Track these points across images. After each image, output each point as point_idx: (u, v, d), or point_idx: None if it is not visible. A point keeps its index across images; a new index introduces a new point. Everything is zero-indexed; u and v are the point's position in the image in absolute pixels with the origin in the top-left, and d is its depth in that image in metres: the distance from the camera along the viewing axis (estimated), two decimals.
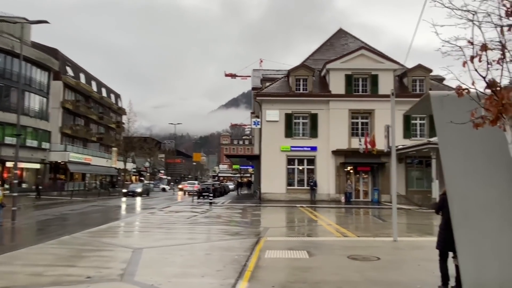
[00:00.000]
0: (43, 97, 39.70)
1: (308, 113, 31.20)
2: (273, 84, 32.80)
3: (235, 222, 17.08)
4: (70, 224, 15.71)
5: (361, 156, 29.57)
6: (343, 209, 24.35)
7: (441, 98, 5.36)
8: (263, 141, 31.09)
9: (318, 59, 35.14)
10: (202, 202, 29.19)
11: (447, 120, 5.25)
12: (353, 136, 30.77)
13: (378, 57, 31.35)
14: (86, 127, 49.89)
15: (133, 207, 25.95)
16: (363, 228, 15.93)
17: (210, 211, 21.88)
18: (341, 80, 31.11)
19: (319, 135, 30.87)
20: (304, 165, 31.16)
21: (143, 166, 71.03)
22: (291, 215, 20.64)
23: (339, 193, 30.04)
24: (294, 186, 30.91)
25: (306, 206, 25.02)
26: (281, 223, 17.16)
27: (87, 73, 51.14)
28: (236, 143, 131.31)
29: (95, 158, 48.48)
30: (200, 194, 35.47)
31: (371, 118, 30.95)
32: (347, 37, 37.53)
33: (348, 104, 30.88)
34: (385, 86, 30.87)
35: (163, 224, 15.06)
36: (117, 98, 62.47)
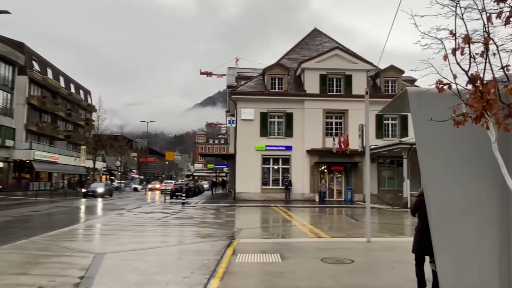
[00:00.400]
0: (7, 92, 37.83)
1: (283, 112, 31.00)
2: (249, 82, 32.43)
3: (208, 223, 16.59)
4: (29, 226, 14.79)
5: (335, 156, 29.65)
6: (317, 209, 24.23)
7: (419, 95, 5.08)
8: (238, 140, 30.68)
9: (293, 58, 35.03)
10: (174, 202, 28.49)
11: (426, 117, 4.98)
12: (327, 135, 30.80)
13: (352, 57, 31.48)
14: (53, 124, 48.02)
15: (100, 208, 25.01)
16: (336, 228, 15.76)
17: (182, 211, 21.29)
18: (316, 80, 31.07)
19: (294, 134, 30.73)
20: (279, 164, 30.95)
21: (114, 165, 69.18)
22: (266, 215, 20.31)
23: (313, 193, 29.98)
24: (269, 186, 30.65)
25: (281, 206, 24.78)
26: (255, 223, 16.79)
27: (55, 68, 49.23)
28: (212, 142, 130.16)
29: (63, 156, 46.72)
30: (173, 194, 34.74)
31: (345, 118, 31.05)
32: (321, 37, 37.59)
33: (322, 103, 30.86)
34: (359, 87, 31.05)
35: (130, 226, 14.41)
36: (86, 94, 60.55)
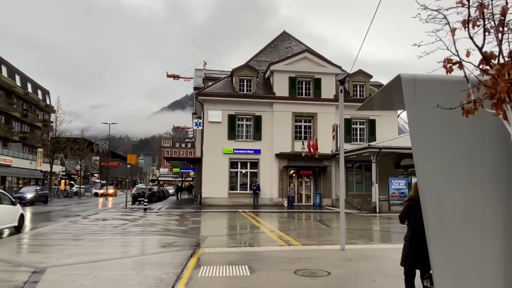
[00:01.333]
0: None
1: (252, 115, 30.23)
2: (216, 83, 31.45)
3: (170, 231, 15.44)
4: None
5: (303, 160, 29.17)
6: (285, 214, 23.52)
7: (414, 81, 4.35)
8: (205, 143, 29.58)
9: (262, 60, 34.44)
10: (136, 208, 26.97)
11: (421, 108, 4.26)
12: (296, 139, 30.29)
13: (321, 61, 31.20)
14: (7, 125, 44.98)
15: (52, 214, 23.20)
16: (307, 234, 15.04)
17: (143, 218, 19.97)
18: (285, 83, 30.54)
19: (263, 137, 30.01)
20: (247, 168, 30.10)
21: (74, 169, 66.00)
22: (233, 221, 19.37)
23: (282, 197, 29.32)
24: (237, 190, 29.73)
25: (249, 211, 23.90)
26: (222, 230, 15.81)
27: (10, 66, 46.20)
28: (178, 146, 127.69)
29: (17, 159, 43.77)
30: (135, 199, 33.17)
31: (314, 122, 30.66)
32: (290, 40, 37.25)
33: (291, 107, 30.35)
34: (328, 90, 30.85)
35: (83, 235, 13.07)
36: (45, 94, 57.43)
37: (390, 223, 19.08)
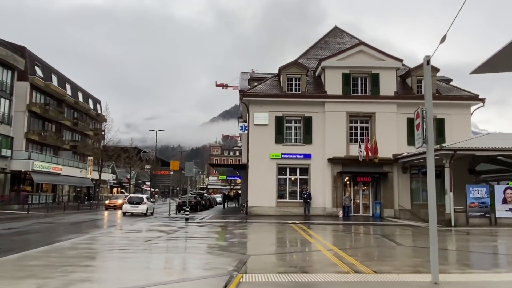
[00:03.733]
0: (4, 98, 35.44)
1: (301, 116, 27.53)
2: (262, 83, 29.12)
3: (207, 247, 13.10)
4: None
5: (360, 165, 25.98)
6: (341, 226, 20.51)
7: None
8: (251, 148, 27.27)
9: (312, 58, 31.75)
10: (178, 217, 25.10)
11: None
12: (351, 142, 27.17)
13: (379, 54, 27.91)
14: (57, 134, 45.50)
15: (89, 223, 21.86)
16: (374, 255, 12.04)
17: (182, 230, 17.89)
18: (338, 80, 27.57)
19: (314, 141, 27.18)
20: (297, 175, 27.35)
21: (125, 177, 66.52)
22: (281, 235, 16.74)
23: (336, 207, 26.25)
24: (285, 199, 27.06)
25: (299, 223, 21.15)
26: (268, 247, 13.22)
27: (60, 75, 46.96)
28: (227, 154, 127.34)
29: (67, 167, 44.00)
30: (180, 208, 31.57)
31: (371, 122, 27.39)
32: (343, 35, 34.23)
33: (345, 106, 27.31)
34: (387, 87, 27.53)
35: (105, 251, 11.08)
36: (96, 103, 58.25)
37: (476, 240, 15.54)
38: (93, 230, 17.49)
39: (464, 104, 27.80)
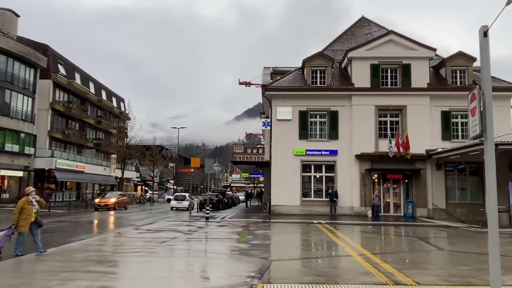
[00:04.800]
0: (27, 96, 35.53)
1: (327, 111, 26.14)
2: (285, 77, 27.87)
3: (226, 249, 12.04)
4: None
5: (391, 162, 24.43)
6: (371, 227, 19.10)
7: None
8: (274, 144, 26.11)
9: (338, 49, 30.28)
10: (199, 216, 24.23)
11: None
12: (380, 137, 25.59)
13: (410, 43, 26.17)
14: (81, 132, 45.58)
15: (106, 223, 21.23)
16: (413, 261, 10.68)
17: (201, 230, 16.94)
18: (366, 71, 26.03)
19: (340, 136, 25.76)
20: (322, 172, 25.99)
21: (148, 175, 66.52)
22: (306, 237, 15.55)
23: (364, 206, 24.77)
24: (310, 197, 25.76)
25: (325, 223, 19.88)
26: (292, 251, 12.04)
27: (84, 74, 47.04)
28: (250, 152, 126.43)
29: (90, 165, 44.01)
30: (201, 207, 30.76)
31: (402, 116, 25.72)
32: (370, 26, 32.54)
33: (374, 99, 25.75)
34: (419, 78, 25.84)
35: (115, 254, 10.20)
36: (119, 102, 58.32)
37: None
38: (109, 229, 16.76)
39: (503, 96, 25.72)
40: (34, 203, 9.67)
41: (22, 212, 9.38)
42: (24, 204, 9.48)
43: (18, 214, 9.36)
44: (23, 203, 9.48)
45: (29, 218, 9.49)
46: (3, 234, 9.22)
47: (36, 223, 9.72)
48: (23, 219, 9.35)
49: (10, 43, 32.64)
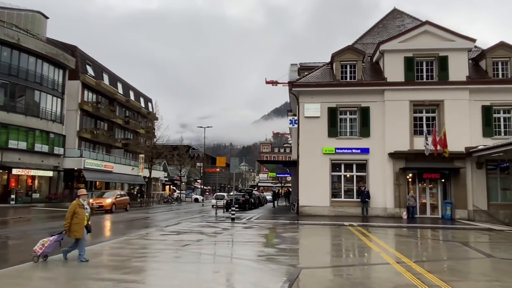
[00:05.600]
0: (56, 97, 36.01)
1: (358, 107, 24.89)
2: (313, 72, 26.78)
3: (251, 253, 11.23)
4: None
5: (427, 160, 22.93)
6: (407, 230, 17.85)
7: None
8: (301, 143, 25.10)
9: (369, 43, 28.88)
10: (225, 217, 23.55)
11: None
12: (416, 134, 24.11)
13: (447, 33, 24.52)
14: (109, 132, 45.99)
15: (131, 223, 20.87)
16: (460, 269, 9.49)
17: (226, 231, 16.21)
18: (400, 65, 24.59)
19: (372, 133, 24.46)
20: (353, 171, 24.76)
21: (176, 175, 66.79)
22: (337, 240, 14.53)
23: (399, 207, 23.38)
24: (340, 198, 24.58)
25: (357, 225, 18.75)
26: (322, 257, 11.07)
27: (112, 74, 47.49)
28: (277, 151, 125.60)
29: (119, 165, 44.33)
30: (228, 207, 30.13)
31: (439, 111, 24.14)
32: (403, 18, 30.91)
33: (409, 94, 24.30)
34: (457, 71, 24.20)
35: (132, 259, 9.56)
36: (147, 102, 58.73)
37: None
38: (133, 231, 16.30)
39: None
40: (86, 206, 8.99)
41: (74, 216, 8.69)
42: (76, 207, 8.76)
43: (70, 219, 8.65)
44: (74, 207, 8.75)
45: (82, 222, 8.78)
46: (53, 240, 8.66)
47: (86, 227, 9.01)
48: (76, 224, 8.64)
49: (38, 44, 33.13)
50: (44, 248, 8.52)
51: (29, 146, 32.90)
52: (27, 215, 23.62)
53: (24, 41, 31.66)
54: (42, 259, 8.59)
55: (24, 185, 33.82)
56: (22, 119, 32.17)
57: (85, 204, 9.05)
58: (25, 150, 32.57)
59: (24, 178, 33.80)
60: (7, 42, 30.57)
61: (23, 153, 32.36)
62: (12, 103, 31.71)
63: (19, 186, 32.94)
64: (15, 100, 32.10)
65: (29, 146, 32.90)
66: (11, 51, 31.24)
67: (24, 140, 32.45)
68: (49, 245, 8.62)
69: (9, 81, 31.42)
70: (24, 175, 33.39)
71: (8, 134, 31.21)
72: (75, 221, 8.67)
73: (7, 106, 31.18)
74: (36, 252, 8.50)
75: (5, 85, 31.33)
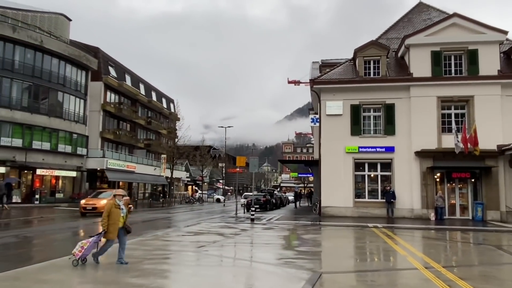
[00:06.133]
0: (79, 98, 36.47)
1: (382, 104, 23.98)
2: (335, 68, 26.00)
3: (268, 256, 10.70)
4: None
5: (456, 159, 21.81)
6: (435, 232, 16.94)
7: None
8: (323, 141, 24.38)
9: (393, 37, 27.90)
10: (245, 217, 23.09)
11: None
12: (444, 132, 23.02)
13: (477, 26, 23.31)
14: (132, 132, 46.35)
15: (152, 223, 20.68)
16: (496, 276, 8.67)
17: (244, 232, 15.73)
18: (426, 59, 23.54)
19: (397, 131, 23.50)
20: (377, 171, 23.85)
21: (198, 175, 66.96)
22: (362, 243, 13.81)
23: (426, 208, 22.35)
24: (364, 198, 23.73)
25: (382, 227, 17.94)
26: (345, 261, 10.42)
27: (134, 75, 47.88)
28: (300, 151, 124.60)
29: (141, 165, 44.59)
30: (248, 207, 29.69)
31: (469, 108, 22.97)
32: (429, 11, 29.71)
33: (436, 89, 23.22)
34: (488, 65, 22.98)
35: (144, 261, 9.19)
36: (169, 102, 59.03)
37: None
38: (149, 231, 16.02)
39: None
40: (121, 207, 8.53)
41: (109, 216, 8.32)
42: (112, 207, 8.36)
43: (107, 219, 8.27)
44: (110, 206, 8.36)
45: (117, 224, 8.37)
46: (92, 241, 8.25)
47: (124, 228, 8.60)
48: (110, 224, 8.27)
49: (61, 46, 33.60)
50: (83, 251, 8.11)
51: (53, 146, 33.41)
52: (49, 214, 23.82)
53: (47, 43, 32.18)
54: (82, 262, 8.21)
55: (48, 185, 34.38)
56: (46, 120, 32.69)
57: (121, 204, 8.58)
58: (49, 151, 33.09)
59: (48, 178, 34.36)
60: (30, 44, 31.14)
61: (46, 153, 32.88)
62: (36, 105, 32.28)
63: (43, 186, 33.51)
64: (39, 101, 32.66)
65: (53, 146, 33.41)
66: (35, 53, 31.82)
67: (48, 141, 32.97)
68: (88, 247, 8.21)
69: (33, 82, 31.99)
70: (48, 176, 33.94)
71: (32, 135, 31.78)
72: (109, 221, 8.27)
73: (31, 107, 31.76)
74: (76, 255, 8.09)
75: (29, 87, 31.91)
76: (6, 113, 30.00)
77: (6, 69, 30.18)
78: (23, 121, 31.03)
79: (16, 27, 30.68)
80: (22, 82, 31.31)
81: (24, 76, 31.33)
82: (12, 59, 30.49)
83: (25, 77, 31.42)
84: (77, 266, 8.09)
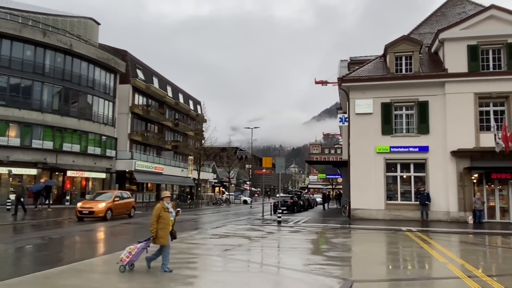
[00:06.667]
0: (108, 101, 36.99)
1: (415, 101, 22.93)
2: (364, 66, 25.11)
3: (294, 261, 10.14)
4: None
5: (496, 159, 20.54)
6: (475, 237, 15.82)
7: None
8: (352, 141, 23.55)
9: (426, 32, 26.74)
10: (272, 220, 22.56)
11: None
12: (482, 130, 21.75)
13: None
14: (159, 134, 46.74)
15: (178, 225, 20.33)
16: None
17: (270, 235, 15.21)
18: (462, 54, 22.33)
19: (431, 130, 22.39)
20: (410, 171, 22.80)
21: (225, 176, 66.96)
22: (395, 248, 13.01)
23: (463, 211, 21.14)
24: (397, 201, 22.73)
25: (416, 230, 17.00)
26: (377, 268, 9.72)
27: (161, 77, 48.31)
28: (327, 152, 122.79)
29: (168, 167, 44.85)
30: (275, 209, 29.16)
31: (509, 104, 21.62)
32: (464, 4, 28.33)
33: (473, 86, 21.98)
34: None
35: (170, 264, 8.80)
36: (196, 104, 59.29)
37: None
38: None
39: None
40: (170, 210, 8.10)
41: (158, 221, 7.89)
42: (161, 211, 7.92)
43: (156, 223, 7.85)
44: (159, 210, 7.92)
45: (168, 228, 7.96)
46: (140, 247, 7.92)
47: (171, 233, 8.16)
48: (161, 229, 7.84)
49: (90, 49, 34.18)
50: (131, 257, 7.80)
51: (82, 148, 34.02)
52: None
53: (76, 46, 32.82)
54: (129, 268, 7.90)
55: (78, 186, 35.03)
56: (76, 123, 33.32)
57: (170, 207, 8.13)
58: (79, 153, 33.71)
59: (78, 180, 35.01)
60: (60, 48, 31.83)
61: (76, 155, 33.50)
62: (66, 107, 32.95)
63: (74, 188, 34.16)
64: (69, 104, 33.33)
65: (82, 148, 34.02)
66: (65, 56, 32.50)
67: (78, 143, 33.61)
68: (136, 253, 7.88)
69: (63, 86, 32.67)
70: (78, 177, 34.58)
71: (62, 138, 32.44)
72: (160, 226, 7.81)
73: (61, 110, 32.44)
74: (123, 261, 7.79)
75: (60, 90, 32.59)
76: (37, 116, 30.76)
77: (37, 73, 30.96)
78: (54, 123, 31.75)
79: (47, 31, 31.45)
80: (52, 85, 32.05)
81: (54, 79, 32.03)
82: (43, 63, 31.28)
83: (56, 81, 32.12)
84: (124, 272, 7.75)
